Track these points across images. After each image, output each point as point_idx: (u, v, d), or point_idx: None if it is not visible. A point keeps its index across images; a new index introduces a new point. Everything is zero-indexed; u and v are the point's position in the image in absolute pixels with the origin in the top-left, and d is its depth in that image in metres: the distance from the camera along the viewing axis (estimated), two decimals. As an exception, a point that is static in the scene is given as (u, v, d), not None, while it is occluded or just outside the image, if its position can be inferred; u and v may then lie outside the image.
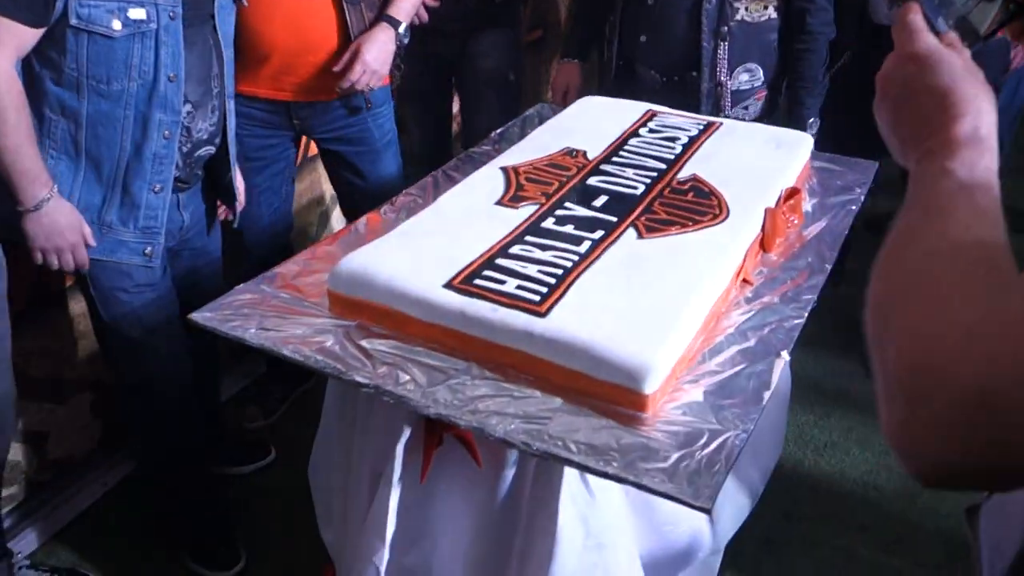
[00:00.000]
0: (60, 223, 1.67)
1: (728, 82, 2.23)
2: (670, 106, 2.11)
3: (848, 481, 2.34)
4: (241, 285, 1.50)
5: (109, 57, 1.63)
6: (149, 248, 1.80)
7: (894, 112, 0.75)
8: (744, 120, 2.25)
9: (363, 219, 1.76)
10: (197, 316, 1.41)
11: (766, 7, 2.20)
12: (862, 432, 2.50)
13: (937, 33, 0.77)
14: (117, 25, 1.61)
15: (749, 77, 2.25)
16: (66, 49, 1.61)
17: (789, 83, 2.31)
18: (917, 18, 0.76)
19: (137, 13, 1.63)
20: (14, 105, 1.56)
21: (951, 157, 0.67)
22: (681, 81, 2.27)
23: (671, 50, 2.24)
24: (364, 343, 1.36)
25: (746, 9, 2.18)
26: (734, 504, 1.75)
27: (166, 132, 1.73)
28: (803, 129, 2.23)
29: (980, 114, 0.69)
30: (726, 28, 2.17)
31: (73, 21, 1.58)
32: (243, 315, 1.41)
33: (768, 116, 2.33)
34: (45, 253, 1.70)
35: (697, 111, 2.20)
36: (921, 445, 0.55)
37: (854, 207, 1.84)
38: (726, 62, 2.20)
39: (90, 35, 1.60)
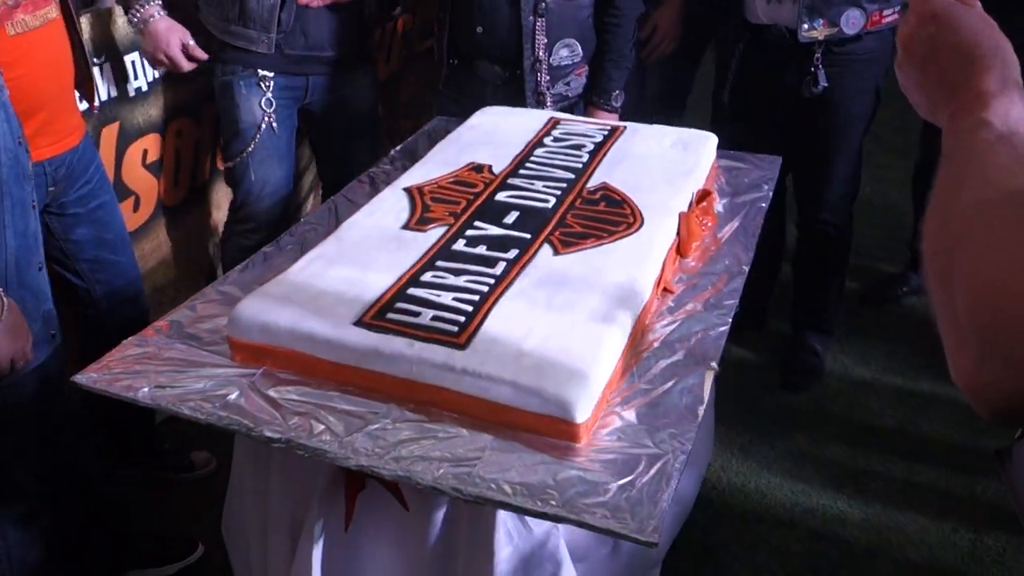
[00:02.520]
0: (18, 319, 1.44)
1: (547, 58, 2.27)
2: (509, 102, 2.18)
3: (776, 476, 2.34)
4: (130, 338, 1.38)
5: None
6: (54, 331, 1.63)
7: (921, 72, 0.79)
8: (567, 95, 2.33)
9: (259, 253, 1.65)
10: (81, 378, 1.29)
11: None
12: (784, 425, 2.51)
13: None
14: None
15: (569, 53, 2.30)
16: None
17: (596, 56, 2.36)
18: None
19: None
20: None
21: (985, 108, 0.70)
22: (519, 71, 2.31)
23: (505, 40, 2.28)
24: (272, 392, 1.26)
25: None
26: (670, 515, 1.70)
27: (34, 203, 1.57)
28: (608, 102, 2.34)
29: (1006, 64, 0.73)
30: (543, 4, 2.22)
31: None
32: (135, 372, 1.29)
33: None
34: (15, 360, 1.44)
35: (521, 90, 2.27)
36: (996, 384, 0.58)
37: (763, 204, 1.83)
38: (544, 38, 2.25)
39: None
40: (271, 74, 2.28)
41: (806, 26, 2.24)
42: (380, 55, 2.99)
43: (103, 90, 2.16)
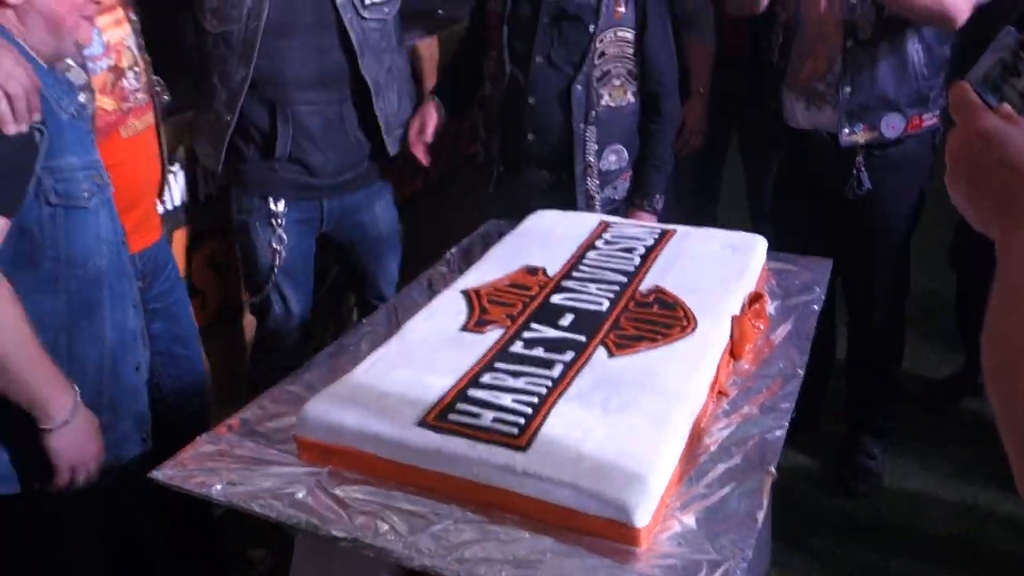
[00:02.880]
0: (91, 427, 1.53)
1: (597, 163, 2.36)
2: (555, 206, 2.22)
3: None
4: (203, 435, 1.43)
5: (85, 233, 1.54)
6: (146, 435, 1.70)
7: (970, 187, 0.81)
8: (615, 199, 2.43)
9: (323, 353, 1.71)
10: (158, 474, 1.34)
11: (626, 92, 2.36)
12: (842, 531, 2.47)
13: (990, 107, 0.82)
14: (87, 194, 1.54)
15: (616, 158, 2.40)
16: (42, 237, 1.49)
17: (639, 160, 2.45)
18: (971, 95, 0.82)
19: (100, 178, 1.58)
20: (9, 310, 1.41)
21: None
22: (565, 175, 2.40)
23: (554, 146, 2.37)
24: (338, 491, 1.29)
25: (609, 95, 2.34)
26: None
27: (135, 302, 1.67)
28: (651, 205, 2.43)
29: None
30: (593, 113, 2.32)
31: (53, 199, 1.48)
32: (207, 470, 1.34)
33: None
34: (76, 470, 1.52)
35: (565, 194, 2.36)
36: None
37: (816, 307, 1.85)
38: (595, 145, 2.35)
39: (67, 210, 1.50)
40: (283, 210, 2.30)
41: (847, 131, 2.30)
42: (406, 168, 2.97)
43: (176, 195, 2.28)
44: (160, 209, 2.12)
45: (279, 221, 2.30)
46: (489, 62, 2.43)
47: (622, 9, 2.30)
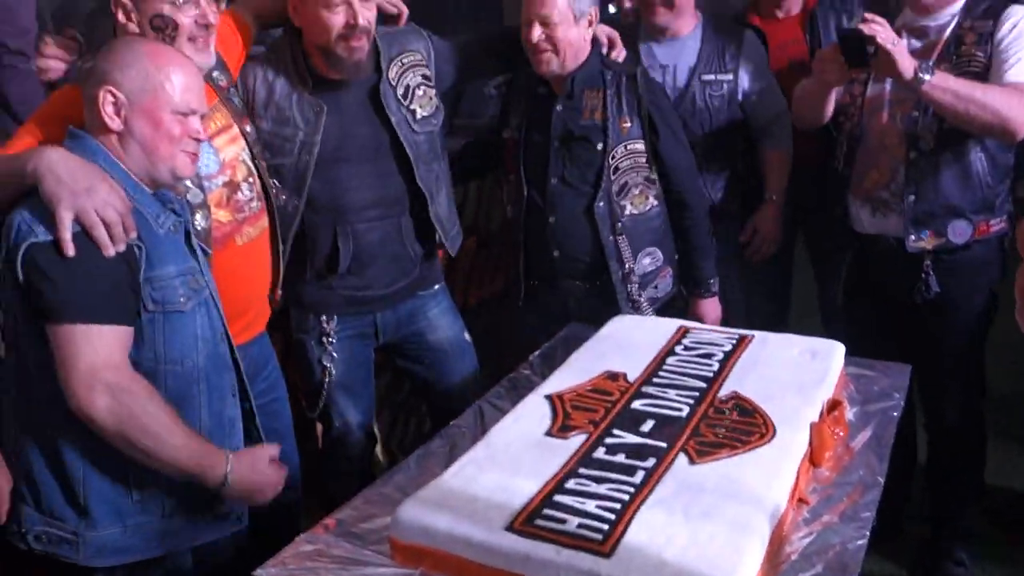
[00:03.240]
0: (251, 469, 1.69)
1: (636, 267, 2.44)
2: (592, 306, 2.39)
3: None
4: (302, 535, 1.51)
5: (182, 334, 1.67)
6: (241, 515, 1.80)
7: None
8: (657, 298, 2.49)
9: (413, 456, 1.79)
10: (262, 572, 1.42)
11: (647, 198, 2.44)
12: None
13: None
14: (183, 299, 1.67)
15: (651, 260, 2.48)
16: (142, 340, 1.62)
17: (683, 253, 2.54)
18: None
19: (196, 282, 1.71)
20: (153, 402, 1.56)
21: None
22: (600, 281, 2.47)
23: (582, 257, 2.45)
24: (430, 593, 1.36)
25: (632, 204, 2.42)
26: None
27: (233, 391, 1.78)
28: (709, 290, 2.53)
29: None
30: (620, 224, 2.41)
31: (150, 306, 1.62)
32: (307, 569, 1.42)
33: (676, 288, 2.57)
34: (257, 498, 1.72)
35: (614, 301, 2.43)
36: None
37: (895, 413, 1.87)
38: (629, 251, 2.42)
39: (166, 315, 1.64)
40: (335, 327, 2.35)
41: (913, 238, 2.33)
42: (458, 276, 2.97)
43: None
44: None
45: (331, 339, 2.35)
46: (508, 185, 2.53)
47: (628, 124, 2.39)
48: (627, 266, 2.43)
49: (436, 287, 2.50)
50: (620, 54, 2.45)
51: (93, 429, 1.56)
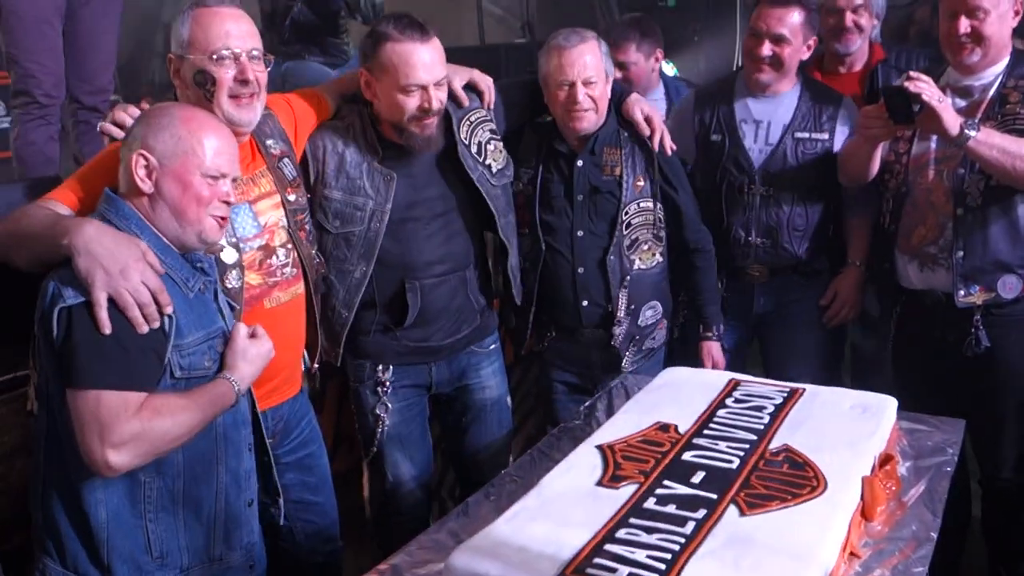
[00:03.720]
0: (247, 354, 1.74)
1: (634, 321, 2.53)
2: (600, 352, 2.53)
3: None
4: (358, 580, 1.56)
5: None
6: (252, 563, 1.83)
7: None
8: (653, 348, 2.60)
9: (464, 504, 1.83)
10: (319, 615, 1.46)
11: (654, 255, 2.54)
12: None
13: None
14: (209, 363, 1.72)
15: (652, 313, 2.57)
16: None
17: (691, 299, 2.66)
18: None
19: (222, 346, 1.75)
20: (164, 418, 1.59)
21: None
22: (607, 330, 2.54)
23: (604, 305, 2.52)
24: (482, 639, 1.38)
25: (640, 259, 2.51)
26: None
27: (249, 445, 1.82)
28: (716, 334, 2.63)
29: None
30: (628, 278, 2.49)
31: (177, 373, 1.65)
32: (364, 614, 1.46)
33: (669, 341, 2.69)
34: (266, 362, 1.79)
35: (617, 351, 2.52)
36: None
37: (949, 468, 1.86)
38: (633, 305, 2.52)
39: (188, 380, 1.69)
40: (391, 377, 2.38)
41: (962, 292, 2.32)
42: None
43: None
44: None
45: (386, 389, 2.38)
46: (521, 239, 2.52)
47: (641, 183, 2.49)
48: (625, 318, 2.51)
49: (492, 346, 2.53)
50: (667, 143, 2.50)
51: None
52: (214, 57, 1.87)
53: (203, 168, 1.69)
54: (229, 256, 1.93)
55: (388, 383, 2.38)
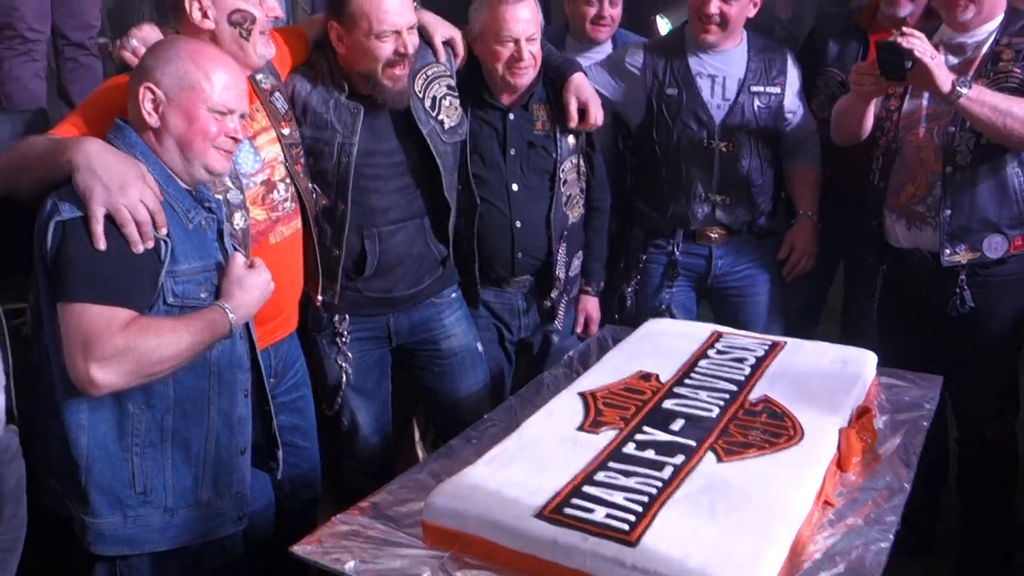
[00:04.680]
0: (243, 282, 1.74)
1: (567, 272, 2.62)
2: (534, 299, 2.61)
3: None
4: (338, 516, 1.57)
5: None
6: (242, 514, 1.84)
7: None
8: (574, 296, 2.69)
9: (447, 446, 1.84)
10: (298, 549, 1.48)
11: (579, 207, 2.63)
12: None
13: None
14: (204, 294, 1.71)
15: (578, 263, 2.68)
16: None
17: (584, 253, 2.70)
18: None
19: (217, 279, 1.75)
20: (150, 336, 1.59)
21: None
22: (541, 282, 2.62)
23: (537, 259, 2.57)
24: (458, 574, 1.40)
25: (571, 213, 2.59)
26: None
27: (245, 391, 1.82)
28: (596, 289, 2.74)
29: None
30: (566, 232, 2.57)
31: (170, 299, 1.65)
32: (342, 547, 1.47)
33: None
34: (266, 294, 1.79)
35: (550, 297, 2.60)
36: None
37: (925, 423, 1.88)
38: (566, 257, 2.60)
39: (182, 309, 1.68)
40: (347, 327, 2.36)
41: (948, 252, 2.33)
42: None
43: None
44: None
45: (344, 339, 2.37)
46: (456, 194, 2.45)
47: (572, 140, 2.53)
48: (561, 270, 2.58)
49: (453, 294, 2.53)
50: (598, 119, 2.52)
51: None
52: None
53: (210, 103, 1.69)
54: (234, 197, 1.94)
55: (346, 333, 2.38)
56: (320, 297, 2.29)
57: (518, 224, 2.50)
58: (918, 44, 2.16)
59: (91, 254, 1.57)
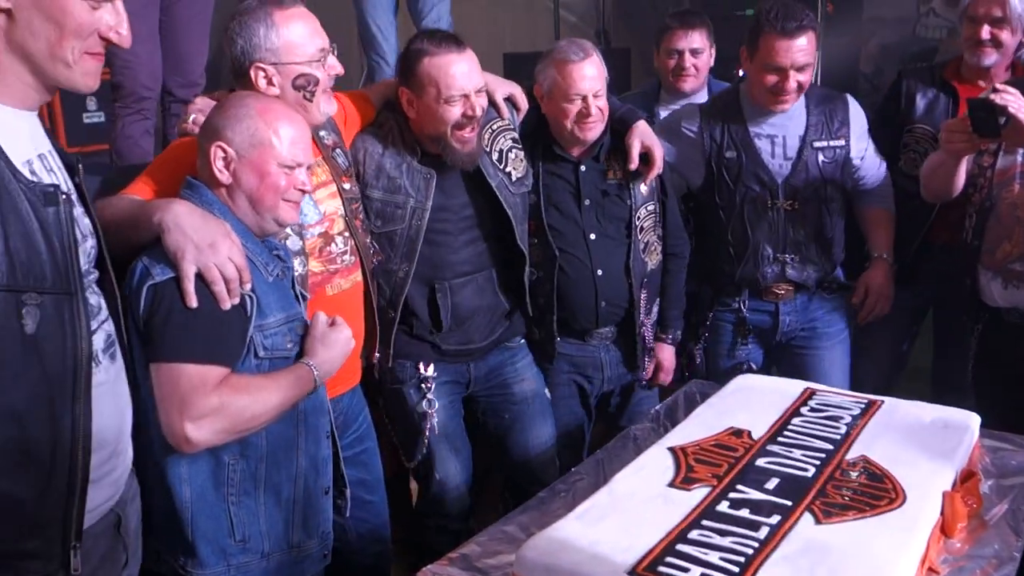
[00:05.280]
0: (325, 339, 1.79)
1: (647, 318, 2.62)
2: (607, 352, 2.61)
3: None
4: (428, 567, 1.57)
5: None
6: (326, 552, 1.86)
7: None
8: (650, 343, 2.65)
9: (536, 499, 1.83)
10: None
11: (657, 254, 2.62)
12: None
13: None
14: (290, 344, 1.76)
15: (656, 309, 2.66)
16: None
17: (661, 300, 2.68)
18: None
19: (302, 328, 1.80)
20: (242, 393, 1.63)
21: None
22: (625, 330, 2.60)
23: (622, 305, 2.57)
24: (551, 630, 1.39)
25: (650, 260, 2.59)
26: None
27: (327, 433, 1.86)
28: (673, 339, 2.72)
29: None
30: (645, 279, 2.57)
31: (261, 353, 1.71)
32: (434, 600, 1.48)
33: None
34: (348, 350, 1.85)
35: (634, 348, 2.60)
36: None
37: (1034, 489, 1.80)
38: (649, 304, 2.61)
39: (272, 361, 1.73)
40: (432, 374, 2.39)
41: None
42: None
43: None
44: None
45: (429, 386, 2.38)
46: (532, 249, 2.48)
47: (645, 188, 2.54)
48: (643, 317, 2.58)
49: (521, 340, 2.55)
50: (659, 164, 2.52)
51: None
52: (316, 60, 1.93)
53: (280, 159, 1.74)
54: (293, 243, 1.98)
55: (432, 380, 2.40)
56: (376, 355, 2.31)
57: (599, 272, 2.52)
58: (1012, 100, 2.12)
59: (183, 313, 1.61)
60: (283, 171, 1.74)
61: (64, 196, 1.36)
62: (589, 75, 2.39)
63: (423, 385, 2.39)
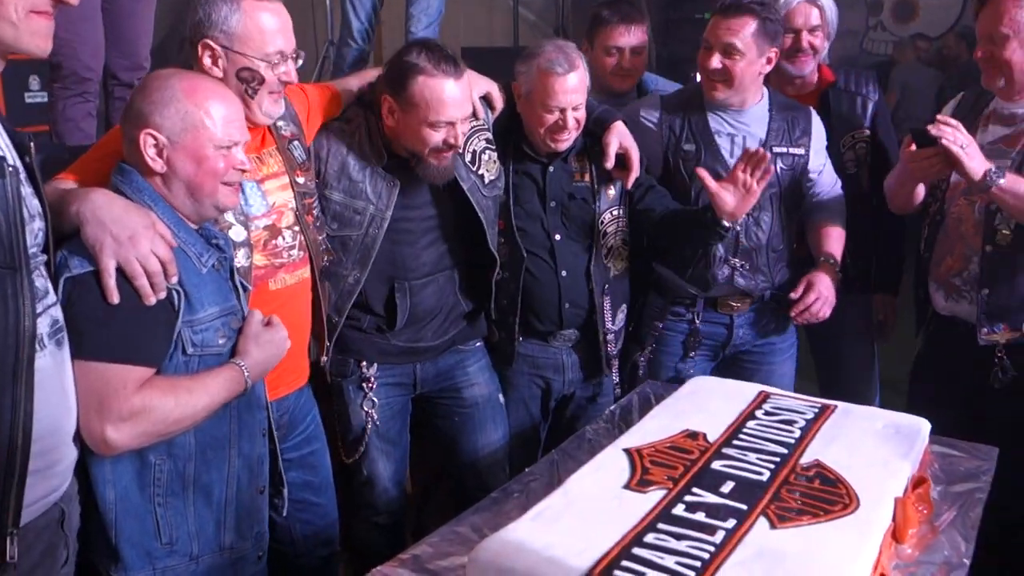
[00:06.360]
0: (259, 339, 1.73)
1: (612, 326, 2.58)
2: (578, 354, 2.59)
3: None
4: (379, 567, 1.53)
5: None
6: (261, 553, 1.81)
7: None
8: (617, 348, 2.63)
9: (488, 499, 1.80)
10: (337, 603, 1.44)
11: (623, 259, 2.60)
12: None
13: None
14: (223, 340, 1.69)
15: (622, 316, 2.64)
16: None
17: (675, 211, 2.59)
18: None
19: (236, 322, 1.73)
20: (167, 396, 1.58)
21: None
22: (587, 335, 2.58)
23: (583, 310, 2.54)
24: (504, 634, 1.36)
25: (614, 266, 2.57)
26: None
27: (263, 430, 1.80)
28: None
29: None
30: (607, 285, 2.53)
31: (190, 350, 1.64)
32: (383, 602, 1.43)
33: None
34: (282, 353, 1.79)
35: (598, 353, 2.57)
36: None
37: (981, 496, 1.82)
38: (610, 310, 2.56)
39: (201, 357, 1.66)
40: (375, 374, 2.35)
41: (985, 330, 2.29)
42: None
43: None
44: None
45: (371, 385, 2.35)
46: (499, 249, 2.44)
47: (612, 192, 2.52)
48: (608, 324, 2.55)
49: (477, 344, 2.51)
50: (635, 167, 2.47)
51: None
52: (269, 62, 1.86)
53: (215, 140, 1.66)
54: (237, 234, 1.90)
55: (373, 379, 2.35)
56: (325, 357, 2.25)
57: (563, 274, 2.48)
58: (947, 133, 2.15)
59: (103, 310, 1.53)
60: (220, 153, 1.66)
61: (11, 168, 1.29)
62: (571, 88, 2.34)
63: (364, 384, 2.35)
